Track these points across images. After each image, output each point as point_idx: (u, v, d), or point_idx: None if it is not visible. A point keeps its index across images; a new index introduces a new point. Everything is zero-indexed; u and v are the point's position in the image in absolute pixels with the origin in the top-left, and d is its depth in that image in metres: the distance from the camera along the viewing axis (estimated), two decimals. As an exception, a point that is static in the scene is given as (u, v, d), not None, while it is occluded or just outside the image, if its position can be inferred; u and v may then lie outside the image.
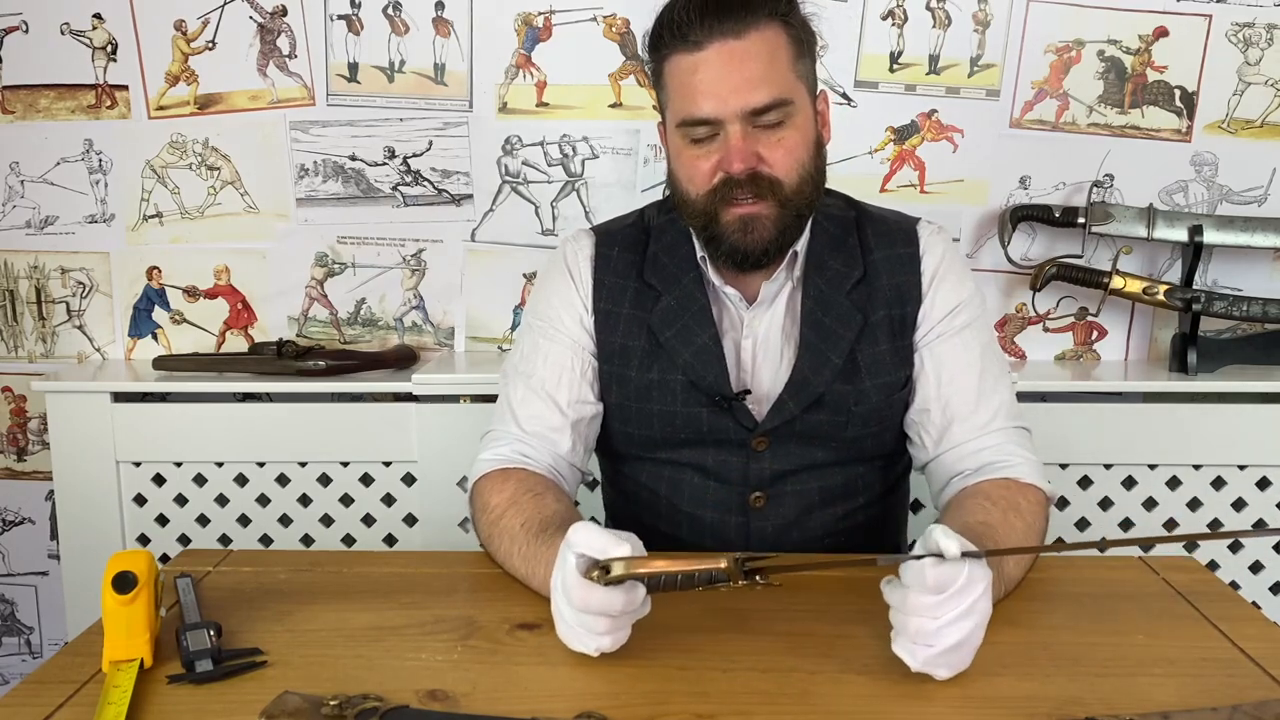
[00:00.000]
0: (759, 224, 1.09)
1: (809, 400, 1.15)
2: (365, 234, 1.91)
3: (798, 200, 1.09)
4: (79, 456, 1.81)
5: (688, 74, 1.06)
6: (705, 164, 1.08)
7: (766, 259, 1.12)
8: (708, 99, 1.05)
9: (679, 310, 1.17)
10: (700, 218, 1.11)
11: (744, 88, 1.04)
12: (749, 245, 1.10)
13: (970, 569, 0.79)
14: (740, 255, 1.11)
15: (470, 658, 0.88)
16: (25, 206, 1.92)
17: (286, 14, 1.83)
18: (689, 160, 1.10)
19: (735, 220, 1.09)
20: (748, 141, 1.06)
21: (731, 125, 1.05)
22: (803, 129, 1.09)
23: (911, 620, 0.80)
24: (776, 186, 1.08)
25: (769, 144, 1.07)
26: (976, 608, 0.80)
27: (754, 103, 1.04)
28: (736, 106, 1.04)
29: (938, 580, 0.78)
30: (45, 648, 2.07)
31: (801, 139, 1.09)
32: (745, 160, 1.06)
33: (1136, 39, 1.81)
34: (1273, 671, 0.85)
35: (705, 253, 1.16)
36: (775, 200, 1.08)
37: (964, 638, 0.80)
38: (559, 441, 1.17)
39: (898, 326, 1.17)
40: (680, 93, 1.08)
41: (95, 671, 0.85)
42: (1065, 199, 1.85)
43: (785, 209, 1.09)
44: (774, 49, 1.06)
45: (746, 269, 1.14)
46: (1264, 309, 1.80)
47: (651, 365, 1.18)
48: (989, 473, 1.11)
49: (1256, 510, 1.78)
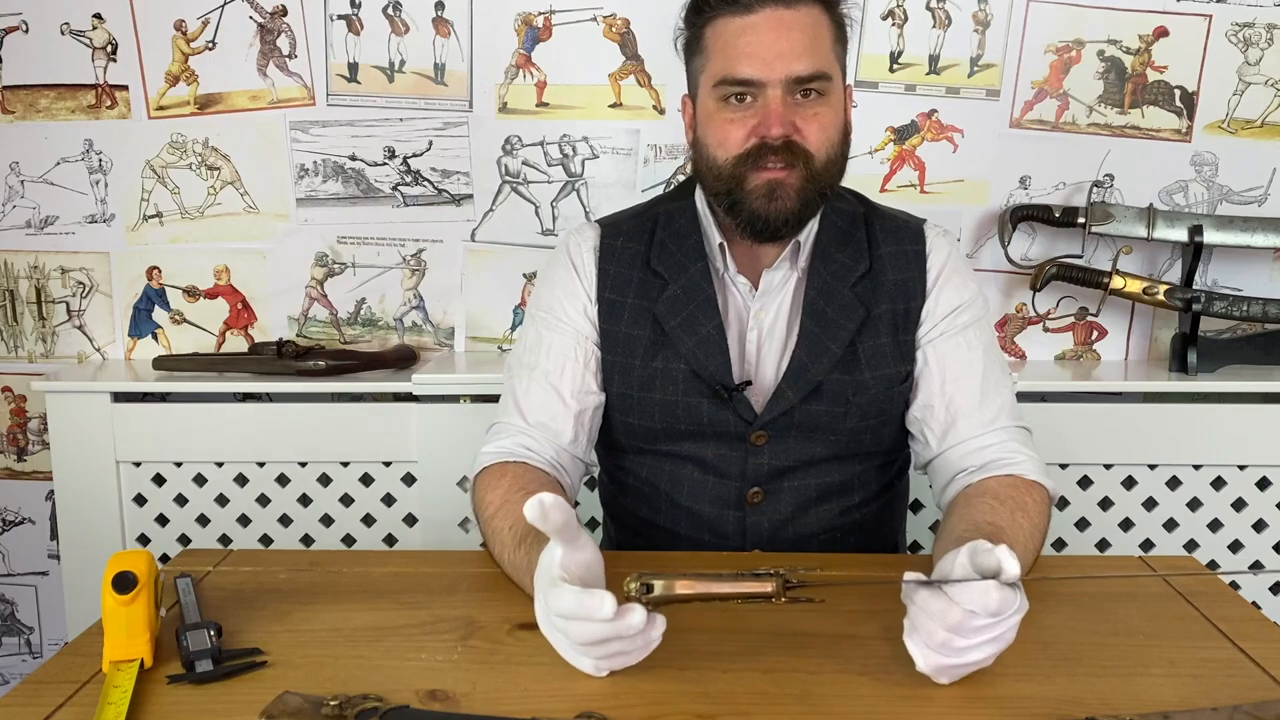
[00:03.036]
0: (785, 190, 1.09)
1: (807, 389, 1.15)
2: (365, 234, 1.91)
3: (825, 176, 1.11)
4: (79, 456, 1.81)
5: (735, 35, 1.08)
6: (739, 129, 1.09)
7: (785, 229, 1.12)
8: (753, 61, 1.06)
9: (685, 299, 1.18)
10: (726, 182, 1.11)
11: (790, 54, 1.06)
12: (772, 212, 1.10)
13: (1022, 599, 0.78)
14: (761, 222, 1.11)
15: (470, 658, 0.88)
16: (25, 206, 1.92)
17: (286, 14, 1.83)
18: (721, 123, 1.10)
19: (762, 185, 1.09)
20: (787, 109, 1.07)
21: (773, 90, 1.07)
22: (835, 109, 1.11)
23: (941, 633, 0.78)
24: (808, 158, 1.09)
25: (805, 116, 1.08)
26: (1005, 636, 0.79)
27: (798, 70, 1.06)
28: (781, 72, 1.06)
29: (1001, 604, 0.76)
30: (45, 648, 2.07)
31: (834, 118, 1.11)
32: (784, 125, 1.07)
33: (1136, 39, 1.81)
34: (1273, 671, 0.85)
35: (723, 221, 1.16)
36: (805, 171, 1.09)
37: (983, 658, 0.80)
38: (562, 432, 1.17)
39: (900, 321, 1.18)
40: (724, 53, 1.09)
41: (95, 671, 0.85)
42: (1065, 199, 1.85)
43: (811, 182, 1.10)
44: (819, 26, 1.09)
45: (764, 239, 1.14)
46: (1264, 309, 1.80)
47: (655, 354, 1.18)
48: (993, 470, 1.11)
49: (1256, 510, 1.78)
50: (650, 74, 1.83)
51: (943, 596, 0.79)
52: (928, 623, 0.79)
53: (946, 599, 0.78)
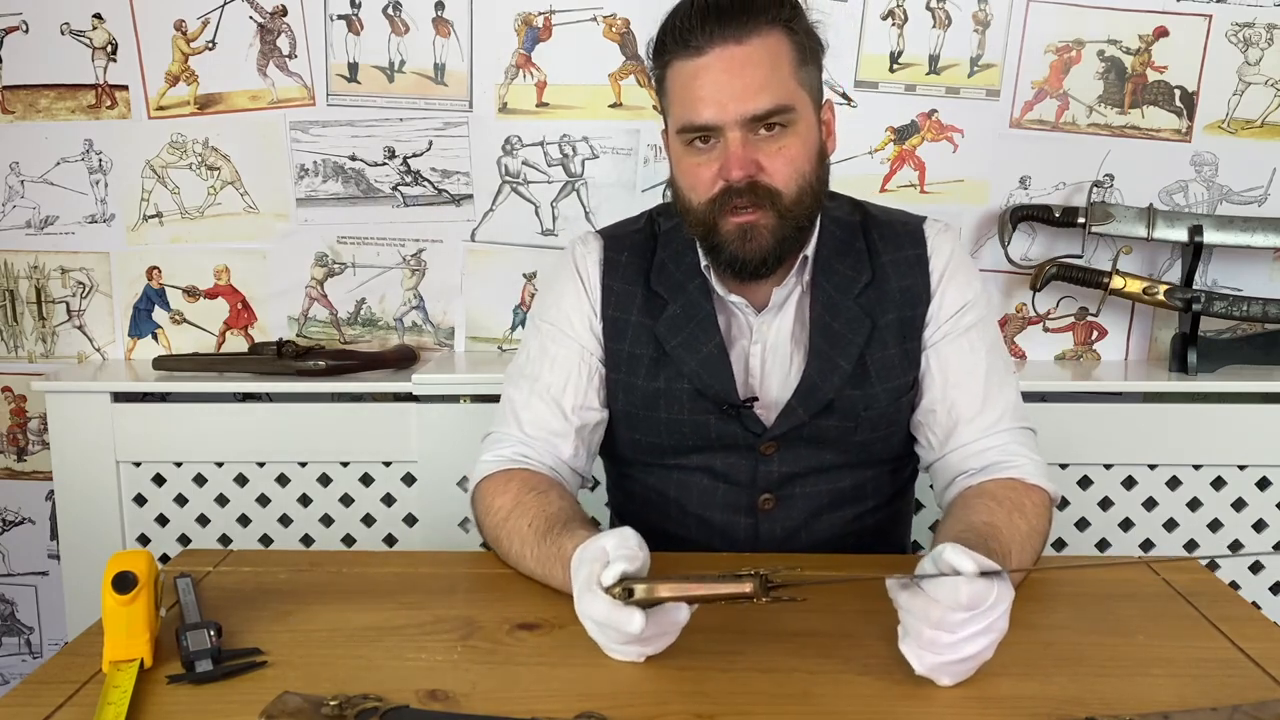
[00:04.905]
0: (757, 233, 1.07)
1: (818, 406, 1.14)
2: (365, 234, 1.91)
3: (797, 211, 1.08)
4: (79, 456, 1.81)
5: (689, 79, 1.05)
6: (706, 172, 1.07)
7: (765, 269, 1.11)
8: (708, 105, 1.04)
9: (684, 319, 1.16)
10: (701, 226, 1.10)
11: (744, 94, 1.03)
12: (747, 254, 1.08)
13: (1000, 589, 0.79)
14: (739, 264, 1.09)
15: (470, 658, 0.88)
16: (25, 206, 1.92)
17: (286, 14, 1.83)
18: (690, 168, 1.09)
19: (734, 229, 1.07)
20: (747, 149, 1.04)
21: (731, 132, 1.04)
22: (804, 137, 1.07)
23: (927, 631, 0.79)
24: (775, 196, 1.06)
25: (769, 152, 1.05)
26: (996, 625, 0.80)
27: (754, 109, 1.03)
28: (736, 113, 1.03)
29: (972, 598, 0.77)
30: (45, 648, 2.07)
31: (803, 148, 1.07)
32: (744, 168, 1.04)
33: (1136, 39, 1.81)
34: (1273, 671, 0.85)
35: (709, 261, 1.15)
36: (774, 210, 1.06)
37: (977, 652, 0.80)
38: (561, 446, 1.16)
39: (907, 328, 1.16)
40: (681, 99, 1.07)
41: (95, 671, 0.85)
42: (1065, 199, 1.85)
43: (784, 220, 1.07)
44: (776, 56, 1.04)
45: (746, 279, 1.13)
46: (1264, 309, 1.80)
47: (658, 373, 1.17)
48: (994, 472, 1.11)
49: (1256, 510, 1.78)
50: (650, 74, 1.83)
51: (922, 595, 0.81)
52: (914, 623, 0.80)
53: (925, 596, 0.80)
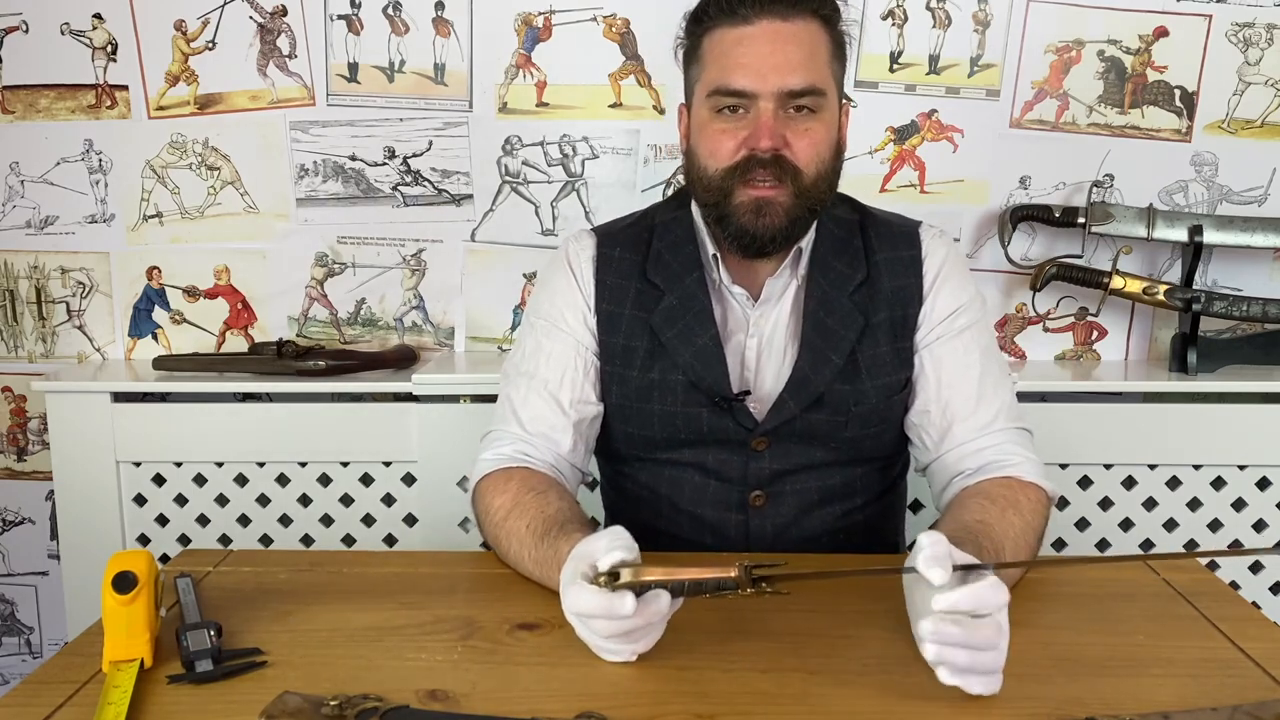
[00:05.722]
0: (772, 209, 1.09)
1: (809, 400, 1.15)
2: (365, 234, 1.91)
3: (813, 193, 1.10)
4: (79, 456, 1.81)
5: (731, 45, 1.07)
6: (730, 139, 1.08)
7: (773, 247, 1.12)
8: (747, 72, 1.06)
9: (681, 310, 1.17)
10: (714, 193, 1.11)
11: (784, 68, 1.05)
12: (759, 229, 1.09)
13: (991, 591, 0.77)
14: (748, 238, 1.10)
15: (470, 658, 0.88)
16: (25, 206, 1.92)
17: (286, 14, 1.83)
18: (714, 134, 1.10)
19: (750, 201, 1.09)
20: (778, 123, 1.07)
21: (765, 102, 1.06)
22: (829, 126, 1.10)
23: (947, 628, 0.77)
24: (796, 175, 1.08)
25: (796, 131, 1.08)
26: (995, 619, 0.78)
27: (792, 84, 1.05)
28: (775, 84, 1.05)
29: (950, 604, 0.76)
30: (45, 648, 2.07)
31: (826, 135, 1.10)
32: (773, 139, 1.06)
33: (1136, 39, 1.81)
34: (1273, 671, 0.85)
35: (715, 232, 1.15)
36: (793, 188, 1.08)
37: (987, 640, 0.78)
38: (561, 441, 1.16)
39: (899, 328, 1.17)
40: (719, 63, 1.08)
41: (95, 671, 0.85)
42: (1065, 199, 1.85)
43: (800, 199, 1.09)
44: (815, 42, 1.08)
45: (752, 255, 1.14)
46: (1264, 309, 1.80)
47: (653, 365, 1.18)
48: (990, 472, 1.11)
49: (1256, 510, 1.78)
50: (650, 74, 1.83)
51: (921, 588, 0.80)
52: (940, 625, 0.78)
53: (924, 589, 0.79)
